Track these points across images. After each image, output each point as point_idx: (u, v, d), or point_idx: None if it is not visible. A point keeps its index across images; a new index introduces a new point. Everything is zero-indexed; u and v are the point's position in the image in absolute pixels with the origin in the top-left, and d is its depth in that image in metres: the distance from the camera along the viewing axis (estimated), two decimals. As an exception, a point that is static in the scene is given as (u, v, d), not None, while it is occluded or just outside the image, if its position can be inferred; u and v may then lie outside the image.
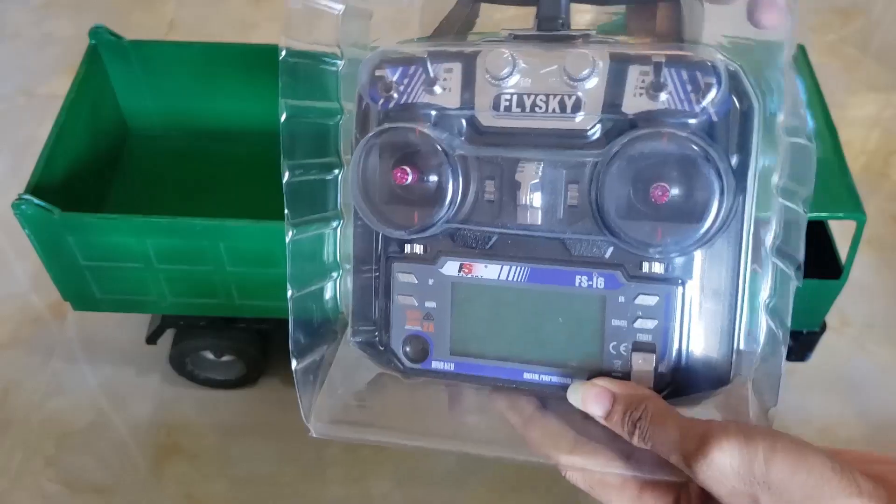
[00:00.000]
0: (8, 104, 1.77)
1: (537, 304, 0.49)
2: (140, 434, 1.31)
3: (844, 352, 1.42)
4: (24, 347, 1.41)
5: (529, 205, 0.47)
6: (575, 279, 0.48)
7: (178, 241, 1.06)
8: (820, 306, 1.17)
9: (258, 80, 1.30)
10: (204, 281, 1.12)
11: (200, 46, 1.28)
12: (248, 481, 1.27)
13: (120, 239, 1.06)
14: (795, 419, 1.35)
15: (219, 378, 1.34)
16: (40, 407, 1.34)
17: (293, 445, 1.31)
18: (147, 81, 1.30)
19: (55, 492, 1.25)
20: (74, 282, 1.14)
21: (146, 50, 1.26)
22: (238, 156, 1.35)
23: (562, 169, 0.46)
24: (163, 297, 1.16)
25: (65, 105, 1.16)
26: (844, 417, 1.35)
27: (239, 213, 1.06)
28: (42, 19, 1.95)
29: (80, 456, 1.29)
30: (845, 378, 1.40)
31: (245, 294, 1.15)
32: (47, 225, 1.05)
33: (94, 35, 1.23)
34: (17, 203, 1.02)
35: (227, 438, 1.31)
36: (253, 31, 1.93)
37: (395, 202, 0.48)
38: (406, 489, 1.27)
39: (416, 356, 0.54)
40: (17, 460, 1.28)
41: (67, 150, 1.16)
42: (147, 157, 1.35)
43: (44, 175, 1.09)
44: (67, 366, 1.39)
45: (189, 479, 1.27)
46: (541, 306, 0.49)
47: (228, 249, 1.07)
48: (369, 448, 1.30)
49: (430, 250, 0.50)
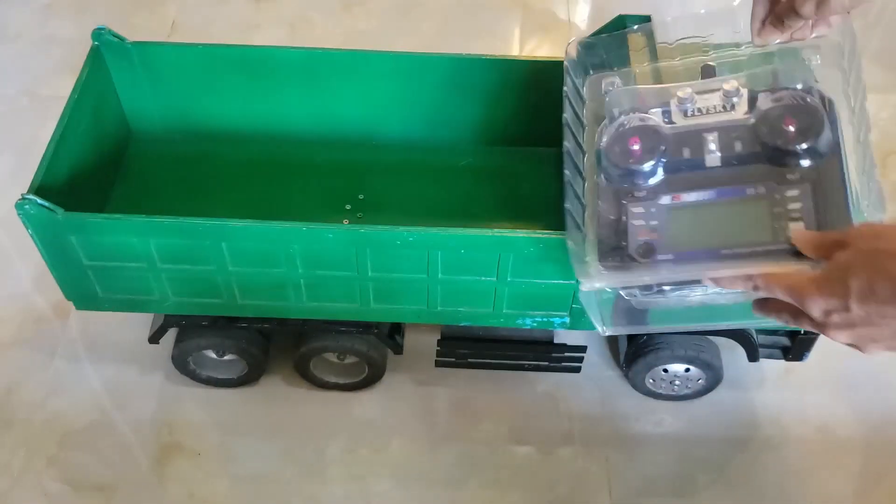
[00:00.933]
0: (11, 105, 1.78)
1: (723, 210, 0.82)
2: (142, 433, 1.32)
3: (842, 351, 1.42)
4: (26, 347, 1.42)
5: (713, 152, 0.85)
6: (745, 190, 0.82)
7: (180, 241, 1.07)
8: (818, 306, 1.18)
9: (261, 82, 1.31)
10: (206, 281, 1.13)
11: (203, 48, 1.29)
12: (249, 480, 1.28)
13: (123, 239, 1.07)
14: (794, 418, 1.35)
15: (221, 377, 1.35)
16: (43, 406, 1.35)
17: (295, 444, 1.31)
18: (150, 83, 1.30)
19: (57, 491, 1.26)
20: (77, 282, 1.15)
21: (149, 51, 1.27)
22: (240, 157, 1.36)
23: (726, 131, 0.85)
24: (165, 297, 1.17)
25: (67, 106, 1.16)
26: (843, 417, 1.36)
27: (241, 214, 1.07)
28: (45, 21, 1.96)
29: (83, 455, 1.30)
30: (843, 377, 1.40)
31: (247, 294, 1.16)
32: (50, 225, 1.05)
33: (97, 37, 1.24)
34: (21, 203, 1.03)
35: (229, 437, 1.32)
36: (256, 32, 1.94)
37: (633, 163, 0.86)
38: (406, 489, 1.28)
39: (646, 254, 0.83)
40: (19, 459, 1.29)
41: (70, 150, 1.16)
42: (150, 158, 1.35)
43: (47, 175, 1.09)
44: (70, 365, 1.39)
45: (191, 477, 1.28)
46: (725, 211, 0.82)
47: (231, 249, 1.08)
48: (369, 448, 1.31)
49: (650, 193, 0.85)
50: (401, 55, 1.28)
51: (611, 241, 0.85)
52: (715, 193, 0.83)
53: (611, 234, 0.85)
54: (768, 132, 0.83)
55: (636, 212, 0.84)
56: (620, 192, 0.86)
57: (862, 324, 0.67)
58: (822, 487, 1.29)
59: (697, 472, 1.30)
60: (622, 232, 0.84)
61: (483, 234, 1.05)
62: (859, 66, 0.89)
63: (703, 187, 0.83)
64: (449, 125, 1.36)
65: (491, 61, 1.28)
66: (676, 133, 0.87)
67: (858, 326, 0.68)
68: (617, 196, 0.86)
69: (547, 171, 1.34)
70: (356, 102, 1.33)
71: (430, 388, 1.38)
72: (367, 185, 1.33)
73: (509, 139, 1.37)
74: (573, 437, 1.33)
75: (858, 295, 0.65)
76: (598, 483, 1.28)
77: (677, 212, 0.83)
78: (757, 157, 0.83)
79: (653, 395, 1.36)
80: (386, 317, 1.21)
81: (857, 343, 0.71)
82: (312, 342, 1.27)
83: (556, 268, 1.09)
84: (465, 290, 1.14)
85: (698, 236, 0.82)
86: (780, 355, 1.28)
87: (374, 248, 1.07)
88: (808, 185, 0.80)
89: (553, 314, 1.17)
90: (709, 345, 1.28)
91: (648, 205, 0.84)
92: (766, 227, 0.80)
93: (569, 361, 1.32)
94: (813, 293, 0.69)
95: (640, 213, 0.84)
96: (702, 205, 0.83)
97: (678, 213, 0.83)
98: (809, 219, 0.79)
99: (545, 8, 2.02)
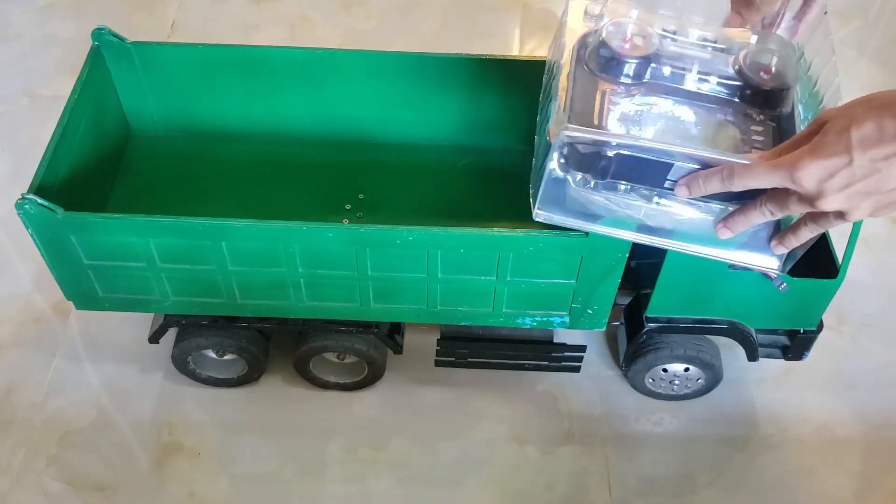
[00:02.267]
0: (11, 105, 1.78)
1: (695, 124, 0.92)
2: (142, 432, 1.32)
3: (841, 351, 1.43)
4: (26, 347, 1.42)
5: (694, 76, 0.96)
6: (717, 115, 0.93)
7: (180, 241, 1.07)
8: (817, 306, 1.18)
9: (260, 82, 1.31)
10: (206, 280, 1.13)
11: (203, 48, 1.29)
12: (249, 479, 1.28)
13: (123, 238, 1.07)
14: (793, 418, 1.36)
15: (221, 377, 1.35)
16: (42, 406, 1.35)
17: (294, 444, 1.31)
18: (149, 83, 1.31)
19: (57, 490, 1.26)
20: (77, 281, 1.15)
21: (149, 51, 1.27)
22: (240, 156, 1.36)
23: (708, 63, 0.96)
24: (165, 297, 1.17)
25: (67, 106, 1.16)
26: (842, 416, 1.36)
27: (241, 214, 1.07)
28: (45, 21, 1.96)
29: (83, 454, 1.30)
30: (843, 377, 1.40)
31: (247, 293, 1.16)
32: (50, 224, 1.05)
33: (97, 37, 1.24)
34: (21, 203, 1.03)
35: (228, 437, 1.32)
36: (255, 32, 1.94)
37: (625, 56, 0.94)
38: (406, 489, 1.28)
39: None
40: (19, 459, 1.29)
41: (70, 150, 1.16)
42: (149, 158, 1.35)
43: (47, 175, 1.09)
44: (70, 365, 1.39)
45: (191, 477, 1.28)
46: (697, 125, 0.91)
47: (231, 249, 1.08)
48: (369, 448, 1.31)
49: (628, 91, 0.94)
50: (401, 55, 1.28)
51: (585, 118, 0.89)
52: (689, 109, 0.93)
53: (585, 112, 0.90)
54: (747, 72, 0.94)
55: (616, 101, 0.91)
56: (600, 82, 0.93)
57: (863, 176, 0.71)
58: (822, 487, 1.29)
59: (697, 472, 1.30)
60: (599, 114, 0.90)
61: (483, 234, 1.05)
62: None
63: (679, 101, 0.93)
64: (448, 125, 1.36)
65: (490, 61, 1.28)
66: (667, 49, 0.96)
67: (858, 181, 0.71)
68: (595, 84, 0.93)
69: (546, 170, 1.34)
70: (356, 102, 1.33)
71: (430, 387, 1.38)
72: (367, 185, 1.33)
73: (509, 139, 1.37)
74: (573, 436, 1.33)
75: (862, 142, 0.69)
76: (598, 483, 1.28)
77: (654, 112, 0.92)
78: (731, 91, 0.94)
79: (652, 394, 1.36)
80: (386, 316, 1.21)
81: (849, 206, 0.74)
82: (312, 342, 1.27)
83: (556, 267, 1.09)
84: (465, 290, 1.14)
85: (670, 137, 0.89)
86: (779, 355, 1.28)
87: (374, 247, 1.07)
88: (771, 126, 0.92)
89: (552, 313, 1.18)
90: (708, 344, 1.28)
91: (628, 99, 0.92)
92: (730, 147, 0.89)
93: (568, 361, 1.32)
94: (806, 161, 0.72)
95: (618, 104, 0.91)
96: (676, 114, 0.92)
97: (654, 114, 0.92)
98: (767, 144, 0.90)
99: (545, 8, 2.02)
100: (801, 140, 0.77)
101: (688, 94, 0.95)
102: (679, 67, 0.95)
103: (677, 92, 0.95)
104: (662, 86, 0.95)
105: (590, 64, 0.96)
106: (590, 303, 1.15)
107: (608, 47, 0.94)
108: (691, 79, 0.95)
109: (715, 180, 0.83)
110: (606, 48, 0.94)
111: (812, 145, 0.73)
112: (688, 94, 0.95)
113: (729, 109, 0.94)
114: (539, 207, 0.97)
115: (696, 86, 0.95)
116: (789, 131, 0.92)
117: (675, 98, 0.94)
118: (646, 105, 0.93)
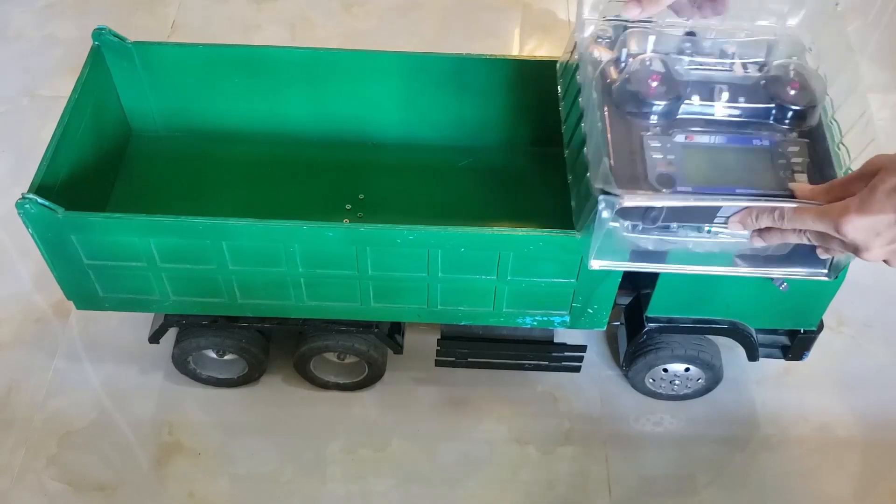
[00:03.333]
0: (11, 105, 1.78)
1: (732, 155, 0.91)
2: (142, 433, 1.32)
3: (841, 351, 1.43)
4: (26, 347, 1.42)
5: (722, 102, 0.95)
6: (752, 140, 0.93)
7: (180, 241, 1.07)
8: (817, 306, 1.18)
9: (260, 82, 1.31)
10: (207, 280, 1.13)
11: (203, 48, 1.29)
12: (249, 479, 1.28)
13: (123, 238, 1.07)
14: (793, 418, 1.36)
15: (221, 377, 1.35)
16: (43, 406, 1.35)
17: (294, 444, 1.31)
18: (150, 82, 1.31)
19: (57, 490, 1.26)
20: (77, 281, 1.15)
21: (149, 51, 1.27)
22: (240, 156, 1.36)
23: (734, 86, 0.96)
24: (165, 297, 1.17)
25: (68, 106, 1.16)
26: (842, 417, 1.36)
27: (241, 213, 1.07)
28: (45, 21, 1.96)
29: (83, 454, 1.30)
30: (842, 377, 1.40)
31: (247, 293, 1.16)
32: (51, 224, 1.05)
33: (97, 36, 1.24)
34: (21, 202, 1.03)
35: (228, 437, 1.32)
36: (255, 32, 1.94)
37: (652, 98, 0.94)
38: (406, 489, 1.28)
39: (666, 184, 0.89)
40: (19, 459, 1.29)
41: (71, 150, 1.16)
42: (150, 158, 1.36)
43: (47, 175, 1.09)
44: (70, 365, 1.39)
45: (191, 477, 1.28)
46: (734, 156, 0.91)
47: (231, 249, 1.08)
48: (369, 448, 1.31)
49: (664, 129, 0.93)
50: (401, 55, 1.28)
51: (627, 170, 0.90)
52: (725, 139, 0.93)
53: (626, 163, 0.90)
54: (775, 91, 0.95)
55: (654, 145, 0.91)
56: (634, 126, 0.93)
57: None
58: (822, 487, 1.29)
59: (697, 472, 1.30)
60: (640, 161, 0.90)
61: (483, 233, 1.05)
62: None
63: (714, 133, 0.93)
64: (449, 125, 1.36)
65: (490, 61, 1.28)
66: (691, 80, 0.97)
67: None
68: (630, 128, 0.93)
69: (546, 170, 1.34)
70: (356, 102, 1.33)
71: (430, 387, 1.38)
72: (367, 184, 1.33)
73: (509, 139, 1.37)
74: (573, 436, 1.33)
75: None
76: (597, 483, 1.28)
77: (692, 150, 0.92)
78: (761, 112, 0.95)
79: (652, 394, 1.37)
80: (386, 316, 1.21)
81: (890, 258, 0.77)
82: (312, 342, 1.27)
83: (556, 266, 1.09)
84: (465, 289, 1.14)
85: (713, 175, 0.90)
86: (779, 355, 1.28)
87: (375, 247, 1.07)
88: (805, 143, 0.92)
89: (553, 313, 1.18)
90: (709, 344, 1.28)
91: (664, 140, 0.92)
92: (771, 175, 0.90)
93: (569, 361, 1.32)
94: (853, 216, 0.75)
95: (657, 147, 0.91)
96: (714, 148, 0.92)
97: (692, 151, 0.91)
98: (810, 171, 0.91)
99: (545, 8, 2.02)
100: (852, 183, 0.78)
101: (720, 123, 0.95)
102: (707, 97, 0.96)
103: (710, 124, 0.95)
104: (695, 120, 0.95)
105: (619, 104, 0.96)
106: (590, 302, 1.15)
107: (636, 90, 0.95)
108: (721, 107, 0.96)
109: (766, 219, 0.86)
110: (635, 91, 0.95)
111: (861, 201, 0.75)
112: (720, 123, 0.95)
113: (763, 133, 0.95)
114: (595, 258, 0.99)
115: (726, 112, 0.96)
116: (821, 144, 0.94)
117: (709, 130, 0.94)
118: (684, 146, 0.93)
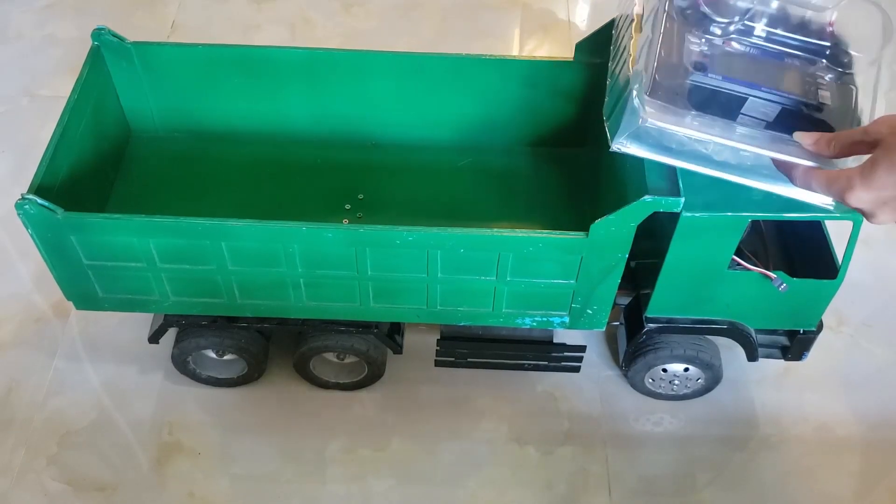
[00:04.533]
0: (11, 105, 1.78)
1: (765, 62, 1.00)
2: (142, 432, 1.32)
3: (841, 351, 1.43)
4: (26, 347, 1.42)
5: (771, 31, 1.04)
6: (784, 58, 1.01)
7: (180, 241, 1.07)
8: (817, 306, 1.18)
9: (260, 82, 1.31)
10: (206, 280, 1.13)
11: (202, 48, 1.29)
12: (249, 479, 1.28)
13: (122, 239, 1.07)
14: (793, 417, 1.36)
15: (220, 377, 1.35)
16: (43, 406, 1.35)
17: (294, 444, 1.31)
18: (149, 83, 1.31)
19: (58, 490, 1.26)
20: (77, 281, 1.15)
21: (148, 51, 1.27)
22: (240, 157, 1.36)
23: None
24: (165, 297, 1.17)
25: (68, 106, 1.16)
26: (841, 416, 1.36)
27: (241, 214, 1.07)
28: (45, 21, 1.96)
29: (83, 454, 1.30)
30: (842, 377, 1.40)
31: (247, 293, 1.16)
32: (50, 225, 1.05)
33: (97, 37, 1.24)
34: (21, 203, 1.03)
35: (228, 437, 1.32)
36: (255, 32, 1.94)
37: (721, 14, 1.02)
38: (406, 489, 1.28)
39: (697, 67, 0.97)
40: (19, 459, 1.29)
41: (70, 150, 1.16)
42: (149, 158, 1.35)
43: (47, 175, 1.09)
44: (70, 365, 1.39)
45: (191, 476, 1.28)
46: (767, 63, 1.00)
47: (230, 249, 1.08)
48: (369, 448, 1.31)
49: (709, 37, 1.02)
50: (401, 55, 1.28)
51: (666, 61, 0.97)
52: (759, 52, 1.01)
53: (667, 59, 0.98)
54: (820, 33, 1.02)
55: (694, 41, 1.01)
56: (683, 31, 1.01)
57: None
58: (822, 487, 1.29)
59: (697, 472, 1.30)
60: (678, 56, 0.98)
61: (482, 234, 1.05)
62: None
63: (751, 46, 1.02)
64: (449, 125, 1.36)
65: (490, 61, 1.28)
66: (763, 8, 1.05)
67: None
68: (680, 34, 1.01)
69: (546, 170, 1.34)
70: (356, 102, 1.33)
71: (430, 387, 1.38)
72: (367, 185, 1.33)
73: (509, 139, 1.37)
74: (573, 436, 1.33)
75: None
76: (597, 483, 1.28)
77: (727, 53, 1.01)
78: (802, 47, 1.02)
79: (652, 394, 1.37)
80: (385, 316, 1.21)
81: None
82: (312, 342, 1.27)
83: (556, 267, 1.09)
84: (465, 290, 1.14)
85: (744, 71, 0.98)
86: (779, 355, 1.28)
87: (374, 247, 1.07)
88: (834, 84, 0.99)
89: (552, 313, 1.18)
90: (708, 344, 1.28)
91: (705, 41, 1.01)
92: (799, 83, 0.98)
93: (568, 361, 1.32)
94: (857, 190, 0.76)
95: (696, 42, 1.01)
96: (748, 55, 1.01)
97: (728, 54, 1.01)
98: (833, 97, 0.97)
99: (545, 8, 2.02)
100: (856, 144, 0.80)
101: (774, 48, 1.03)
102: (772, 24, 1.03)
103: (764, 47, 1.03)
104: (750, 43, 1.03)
105: (679, 18, 1.03)
106: (590, 303, 1.15)
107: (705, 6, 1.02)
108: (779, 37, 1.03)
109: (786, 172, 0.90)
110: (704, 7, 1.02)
111: (863, 176, 0.76)
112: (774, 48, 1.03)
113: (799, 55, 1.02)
114: (617, 138, 1.00)
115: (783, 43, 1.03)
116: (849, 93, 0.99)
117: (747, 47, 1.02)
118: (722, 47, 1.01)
